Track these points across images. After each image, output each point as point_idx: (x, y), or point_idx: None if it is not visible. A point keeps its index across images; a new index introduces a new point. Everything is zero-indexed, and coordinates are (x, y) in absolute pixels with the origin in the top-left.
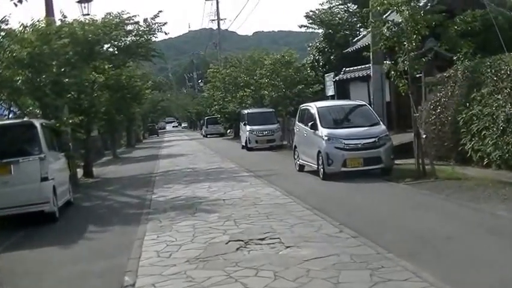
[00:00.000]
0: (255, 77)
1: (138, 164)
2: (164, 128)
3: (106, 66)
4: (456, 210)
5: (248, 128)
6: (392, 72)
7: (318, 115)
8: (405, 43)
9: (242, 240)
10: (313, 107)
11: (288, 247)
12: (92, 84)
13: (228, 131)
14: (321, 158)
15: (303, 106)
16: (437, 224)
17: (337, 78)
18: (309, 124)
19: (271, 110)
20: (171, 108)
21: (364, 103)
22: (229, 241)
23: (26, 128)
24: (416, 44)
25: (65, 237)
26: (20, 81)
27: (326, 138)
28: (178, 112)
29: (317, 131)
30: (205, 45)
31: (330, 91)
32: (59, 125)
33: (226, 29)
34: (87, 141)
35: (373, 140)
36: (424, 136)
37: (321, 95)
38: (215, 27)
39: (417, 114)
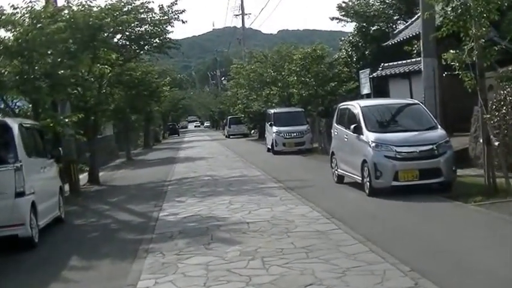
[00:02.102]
0: (282, 73)
1: (152, 168)
2: (186, 127)
3: (114, 56)
4: None
5: (275, 129)
6: (457, 64)
7: (363, 116)
8: (473, 28)
9: None
10: (355, 106)
11: None
12: (100, 78)
13: (252, 131)
14: (366, 168)
15: (343, 105)
16: None
17: (374, 74)
18: (351, 127)
19: (300, 109)
20: (193, 106)
21: (417, 102)
22: None
23: None
24: (486, 30)
25: (34, 277)
26: (5, 72)
27: (373, 144)
28: (200, 111)
29: (361, 136)
30: (229, 42)
31: (366, 89)
32: (52, 125)
33: (250, 27)
34: (93, 143)
35: (430, 147)
36: (496, 143)
37: (356, 94)
38: (239, 24)
39: (488, 116)
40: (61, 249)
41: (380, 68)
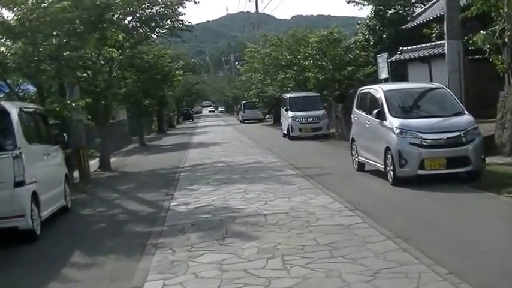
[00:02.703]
0: (298, 56)
1: (165, 154)
2: (200, 112)
3: (121, 36)
4: None
5: (290, 114)
6: (487, 47)
7: (386, 101)
8: (505, 7)
9: None
10: (378, 90)
11: None
12: (110, 61)
13: (267, 116)
14: (390, 156)
15: (364, 89)
16: None
17: (392, 59)
18: (374, 112)
19: (316, 94)
20: (207, 92)
21: (441, 86)
22: None
23: None
24: None
25: (31, 275)
26: (8, 54)
27: (398, 131)
28: (215, 96)
29: (385, 122)
30: (243, 27)
31: (383, 74)
32: (59, 109)
33: (264, 12)
34: (104, 128)
35: (458, 134)
36: None
37: (373, 78)
38: (253, 9)
39: None
40: (64, 242)
41: (399, 52)
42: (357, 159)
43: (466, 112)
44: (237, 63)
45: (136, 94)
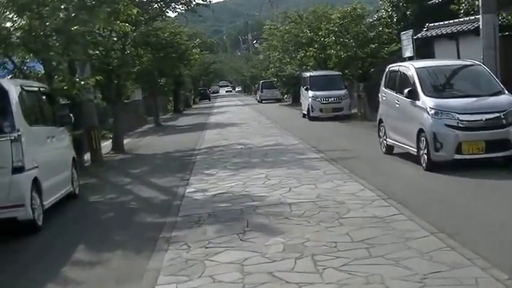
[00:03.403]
0: (319, 33)
1: (181, 135)
2: (217, 92)
3: (135, 11)
4: None
5: (311, 93)
6: None
7: (418, 79)
8: None
9: None
10: (409, 67)
11: None
12: (123, 38)
13: (285, 96)
14: (423, 139)
15: (393, 67)
16: None
17: (418, 35)
18: (405, 91)
19: (337, 73)
20: (224, 71)
21: (477, 63)
22: None
23: None
24: None
25: (27, 274)
26: (12, 29)
27: (432, 111)
28: (232, 75)
29: (417, 101)
30: (261, 5)
31: (408, 52)
32: (67, 88)
33: None
34: (117, 108)
35: (497, 115)
36: None
37: (397, 57)
38: None
39: None
40: (68, 234)
41: (425, 29)
42: (385, 141)
43: (506, 92)
44: (254, 41)
45: (151, 73)
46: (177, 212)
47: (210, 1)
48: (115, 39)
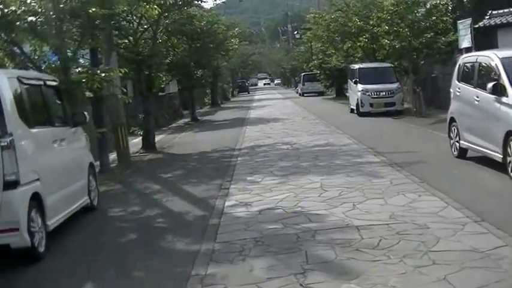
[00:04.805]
0: (370, 22)
1: (219, 131)
2: (256, 85)
3: None
4: None
5: (360, 87)
6: None
7: (505, 71)
8: None
9: None
10: (492, 57)
11: None
12: (155, 25)
13: (329, 89)
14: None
15: (467, 57)
16: None
17: (480, 24)
18: (489, 86)
19: (389, 65)
20: (263, 63)
21: None
22: None
23: None
24: None
25: None
26: (19, 11)
27: None
28: (271, 68)
29: (504, 98)
30: None
31: (465, 42)
32: (86, 80)
33: None
34: (148, 102)
35: None
36: None
37: (452, 48)
38: None
39: None
40: (76, 265)
41: (487, 17)
42: (457, 143)
43: None
44: (295, 32)
45: (187, 64)
46: (214, 236)
47: None
48: (145, 26)
